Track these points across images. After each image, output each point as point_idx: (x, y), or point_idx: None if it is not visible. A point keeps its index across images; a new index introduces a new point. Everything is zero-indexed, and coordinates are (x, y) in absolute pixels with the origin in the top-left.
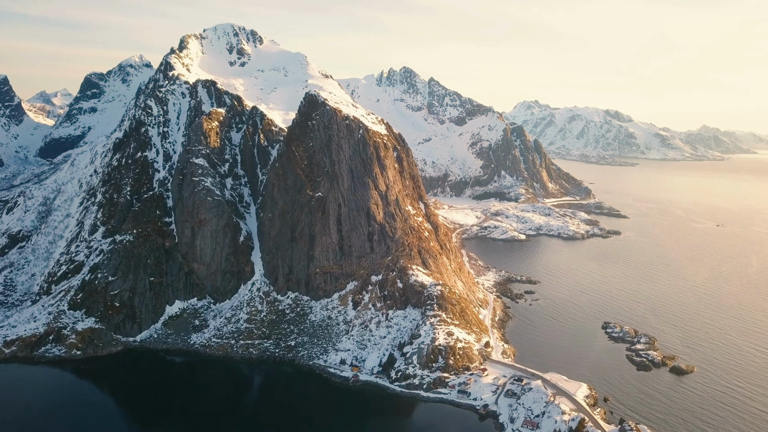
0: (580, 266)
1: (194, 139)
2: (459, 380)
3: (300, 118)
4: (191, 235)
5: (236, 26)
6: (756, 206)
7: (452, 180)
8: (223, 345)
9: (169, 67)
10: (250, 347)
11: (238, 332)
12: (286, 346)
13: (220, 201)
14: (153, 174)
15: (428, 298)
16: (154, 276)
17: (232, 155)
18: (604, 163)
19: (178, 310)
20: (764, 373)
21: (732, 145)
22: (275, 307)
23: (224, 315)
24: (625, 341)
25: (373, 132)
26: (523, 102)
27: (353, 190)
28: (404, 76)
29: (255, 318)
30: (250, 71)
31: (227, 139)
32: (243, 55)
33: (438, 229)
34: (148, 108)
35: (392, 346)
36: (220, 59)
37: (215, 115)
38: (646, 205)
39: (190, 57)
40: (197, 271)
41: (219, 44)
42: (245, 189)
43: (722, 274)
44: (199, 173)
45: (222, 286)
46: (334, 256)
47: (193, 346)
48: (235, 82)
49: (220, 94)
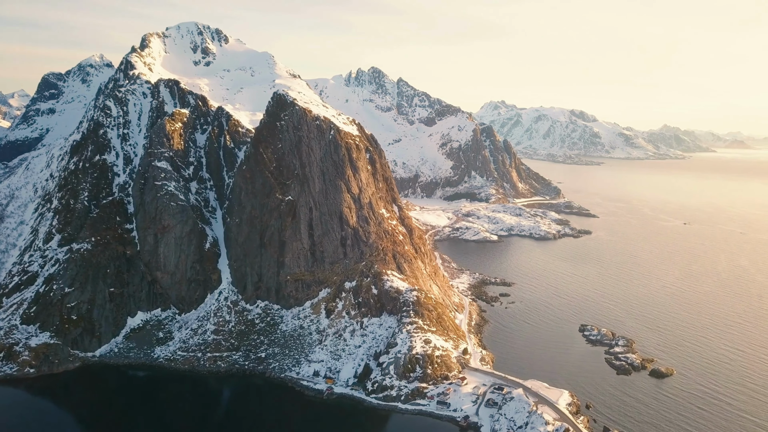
0: (553, 267)
1: (156, 141)
2: (438, 390)
3: (268, 119)
4: (154, 243)
5: (200, 25)
6: (720, 204)
7: (423, 181)
8: (189, 358)
9: (129, 67)
10: (218, 360)
11: (205, 344)
12: (256, 358)
13: (184, 206)
14: (112, 178)
15: (404, 304)
16: (115, 286)
17: (196, 158)
18: (570, 163)
19: (140, 322)
20: (740, 373)
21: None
22: (244, 317)
23: (190, 326)
24: (604, 344)
25: (344, 133)
26: (490, 102)
27: (325, 194)
28: (373, 76)
29: (223, 329)
30: (216, 71)
31: (191, 141)
32: (208, 54)
33: (412, 232)
34: (106, 109)
35: (368, 355)
36: (184, 59)
37: (178, 116)
38: (615, 204)
39: (152, 56)
40: (161, 281)
41: (183, 43)
42: (211, 193)
43: (693, 273)
44: (162, 177)
45: (187, 295)
46: (306, 262)
47: (157, 360)
48: (199, 82)
49: (183, 94)
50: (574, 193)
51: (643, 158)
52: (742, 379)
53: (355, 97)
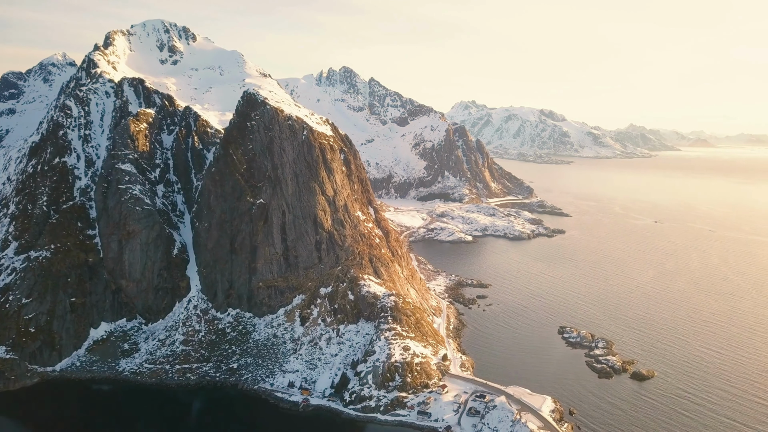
0: (529, 267)
1: (120, 142)
2: (418, 399)
3: (238, 119)
4: (118, 249)
5: (167, 23)
6: (688, 202)
7: (396, 181)
8: (157, 371)
9: (92, 65)
10: (188, 372)
11: (173, 356)
12: (227, 369)
13: (150, 210)
14: (73, 182)
15: (382, 310)
16: (76, 296)
17: (163, 160)
18: (541, 162)
19: (104, 334)
20: (719, 375)
21: (658, 142)
22: (214, 326)
23: (157, 337)
24: (583, 346)
25: (318, 133)
26: (461, 102)
27: (298, 196)
28: (344, 76)
29: (192, 339)
30: (183, 70)
31: (158, 143)
32: (175, 53)
33: (389, 234)
34: (66, 109)
35: (345, 364)
36: (150, 57)
37: (144, 116)
38: (586, 202)
39: (116, 54)
40: (126, 289)
41: (148, 41)
42: (179, 196)
43: (667, 272)
44: (126, 180)
45: (154, 304)
46: (279, 268)
47: (122, 374)
48: (166, 81)
49: (149, 93)
50: (546, 193)
51: (611, 157)
52: (721, 381)
53: (326, 96)
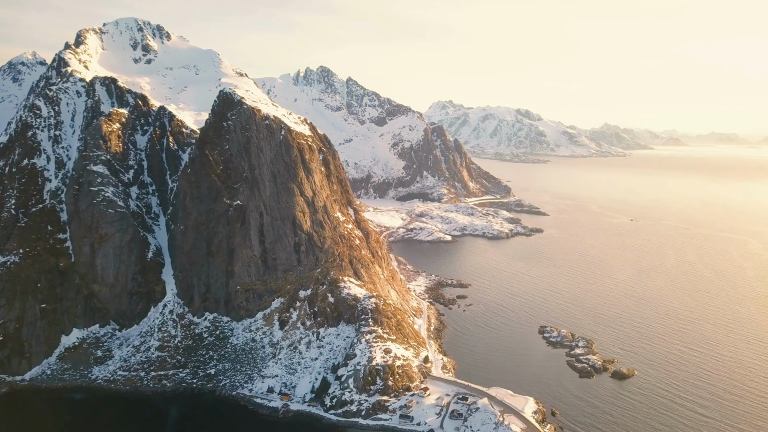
0: (508, 267)
1: (92, 143)
2: (400, 403)
3: (214, 119)
4: (90, 253)
5: (141, 21)
6: (663, 200)
7: (375, 181)
8: (132, 378)
9: (63, 64)
10: (164, 379)
11: (148, 362)
12: (205, 375)
13: (123, 213)
14: (43, 184)
15: (362, 312)
16: (47, 302)
17: (137, 161)
18: (517, 161)
19: (76, 341)
20: (697, 371)
21: (632, 141)
22: (191, 331)
23: (132, 343)
24: (564, 346)
25: (296, 133)
26: (438, 102)
27: (276, 197)
28: (321, 75)
29: (168, 345)
30: (158, 69)
31: (131, 143)
32: (149, 51)
33: (369, 235)
34: (35, 108)
35: (325, 368)
36: (123, 56)
37: (116, 116)
38: (563, 201)
39: (88, 53)
40: (99, 294)
41: (121, 40)
42: (153, 198)
43: (644, 270)
44: (99, 182)
45: (128, 309)
46: (257, 270)
47: (96, 382)
48: (140, 80)
49: (122, 92)
50: (523, 192)
51: (586, 156)
52: (700, 379)
53: (304, 96)
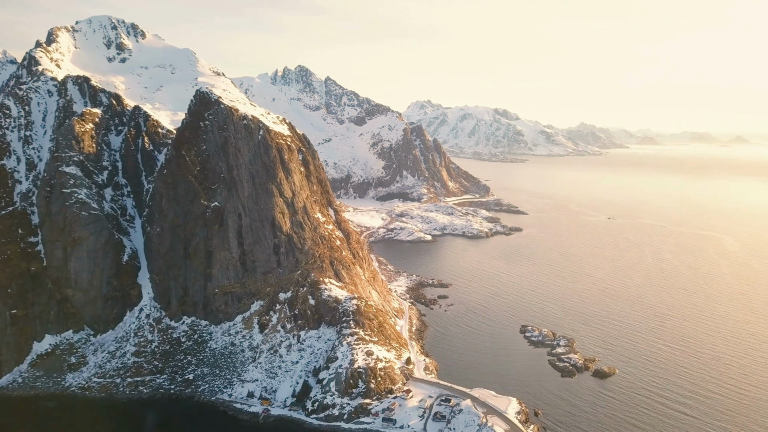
0: (488, 266)
1: (64, 144)
2: (382, 406)
3: (190, 119)
4: (63, 257)
5: (114, 19)
6: (639, 198)
7: (355, 181)
8: (107, 385)
9: (34, 62)
10: (140, 385)
11: (124, 368)
12: (183, 381)
13: (97, 215)
14: (13, 186)
15: (344, 314)
16: (17, 307)
17: (111, 162)
18: (495, 160)
19: (48, 347)
20: (676, 368)
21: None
22: (168, 335)
23: (107, 349)
24: (545, 345)
25: (275, 133)
26: (417, 102)
27: (255, 198)
28: (300, 75)
29: (145, 350)
30: (132, 68)
31: (105, 144)
32: (123, 50)
33: (350, 236)
34: (5, 108)
35: (306, 372)
36: (97, 55)
37: (89, 116)
38: (542, 200)
39: (60, 51)
40: (72, 299)
41: (95, 38)
42: (128, 200)
43: (622, 268)
44: (71, 184)
45: (103, 314)
46: (236, 273)
47: (69, 389)
48: (114, 79)
49: (95, 92)
50: (502, 191)
51: (563, 155)
52: (679, 377)
53: (282, 96)
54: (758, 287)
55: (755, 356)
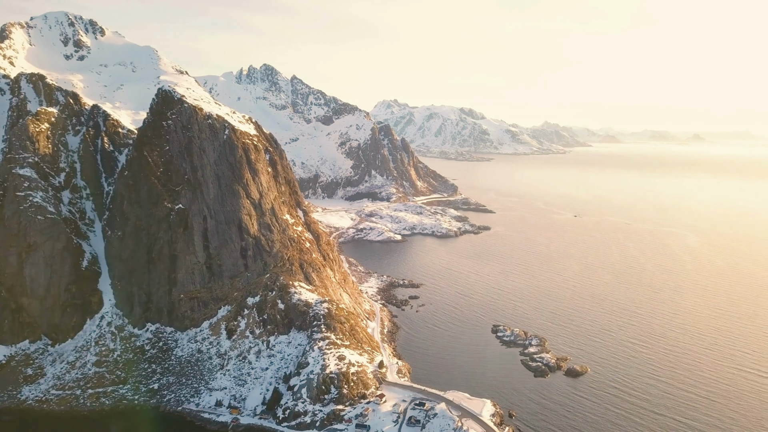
0: (458, 265)
1: (17, 144)
2: (355, 412)
3: (153, 118)
4: (18, 264)
5: (72, 15)
6: (603, 195)
7: (323, 181)
8: (66, 397)
9: None
10: (102, 396)
11: (85, 379)
12: (147, 391)
13: (54, 219)
14: None
15: (314, 318)
16: None
17: (69, 163)
18: (462, 159)
19: (3, 358)
20: (645, 366)
21: (571, 139)
22: (132, 343)
23: (66, 359)
24: (518, 345)
25: (241, 132)
26: (383, 101)
27: (221, 200)
28: (265, 73)
29: (106, 359)
30: (91, 66)
31: (62, 145)
32: (81, 47)
33: (319, 238)
34: None
35: (277, 378)
36: (53, 52)
37: (45, 115)
38: (509, 198)
39: (13, 48)
40: (28, 308)
41: (51, 35)
42: (88, 203)
43: (589, 265)
44: (26, 186)
45: (62, 323)
46: (202, 277)
47: (26, 402)
48: (72, 78)
49: (51, 90)
50: (469, 190)
51: (528, 153)
52: (648, 374)
53: (247, 95)
54: (720, 283)
55: (721, 351)
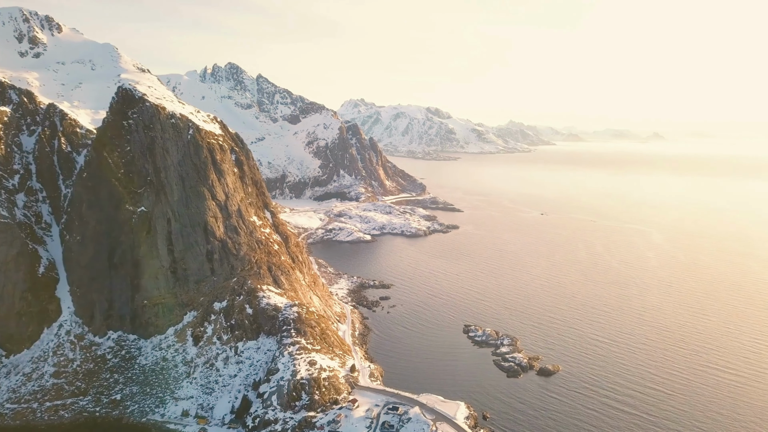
0: (428, 265)
1: None
2: (328, 418)
3: (113, 117)
4: None
5: (26, 11)
6: (569, 193)
7: (291, 181)
8: (22, 411)
9: None
10: (61, 409)
11: (42, 391)
12: (109, 402)
13: (8, 224)
14: None
15: (284, 322)
16: None
17: (23, 165)
18: (429, 159)
19: None
20: (615, 363)
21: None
22: (92, 352)
23: (21, 371)
24: (489, 345)
25: (205, 132)
26: (350, 100)
27: (185, 202)
28: (230, 72)
29: (65, 370)
30: (48, 63)
31: (15, 145)
32: (37, 44)
33: (288, 240)
34: None
35: (246, 386)
36: (7, 49)
37: None
38: (476, 197)
39: None
40: None
41: (4, 31)
42: (44, 206)
43: (557, 263)
44: None
45: (17, 332)
46: (166, 282)
47: None
48: (27, 76)
49: (3, 89)
50: (437, 189)
51: (494, 152)
52: (618, 372)
53: (212, 94)
54: (684, 279)
55: (687, 347)
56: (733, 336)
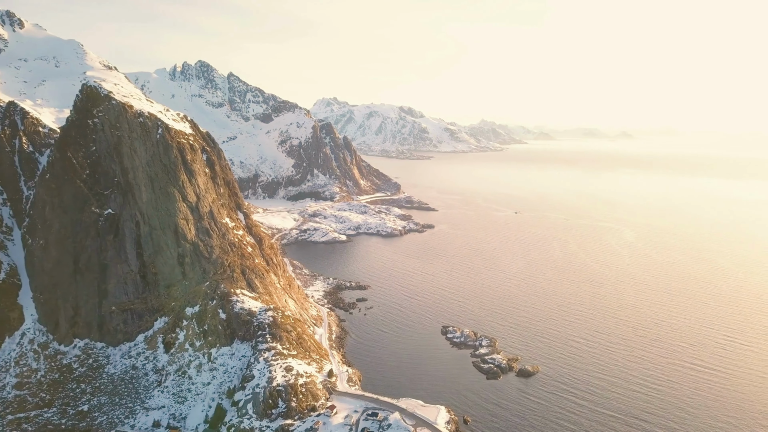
0: (404, 265)
1: None
2: (305, 426)
3: (77, 116)
4: None
5: None
6: (541, 192)
7: (264, 180)
8: None
9: None
10: (24, 422)
11: (4, 404)
12: (76, 414)
13: None
14: None
15: (259, 327)
16: None
17: None
18: (403, 158)
19: None
20: (593, 362)
21: (507, 136)
22: (57, 362)
23: None
24: (468, 346)
25: (175, 131)
26: (323, 99)
27: (155, 204)
28: (201, 70)
29: (29, 380)
30: (9, 60)
31: None
32: None
33: (262, 242)
34: None
35: (220, 394)
36: None
37: None
38: (450, 196)
39: None
40: None
41: None
42: (5, 209)
43: (533, 262)
44: None
45: None
46: (135, 287)
47: None
48: None
49: None
50: (412, 188)
51: (467, 151)
52: (596, 372)
53: (182, 92)
54: (658, 276)
55: (663, 345)
56: (706, 333)
